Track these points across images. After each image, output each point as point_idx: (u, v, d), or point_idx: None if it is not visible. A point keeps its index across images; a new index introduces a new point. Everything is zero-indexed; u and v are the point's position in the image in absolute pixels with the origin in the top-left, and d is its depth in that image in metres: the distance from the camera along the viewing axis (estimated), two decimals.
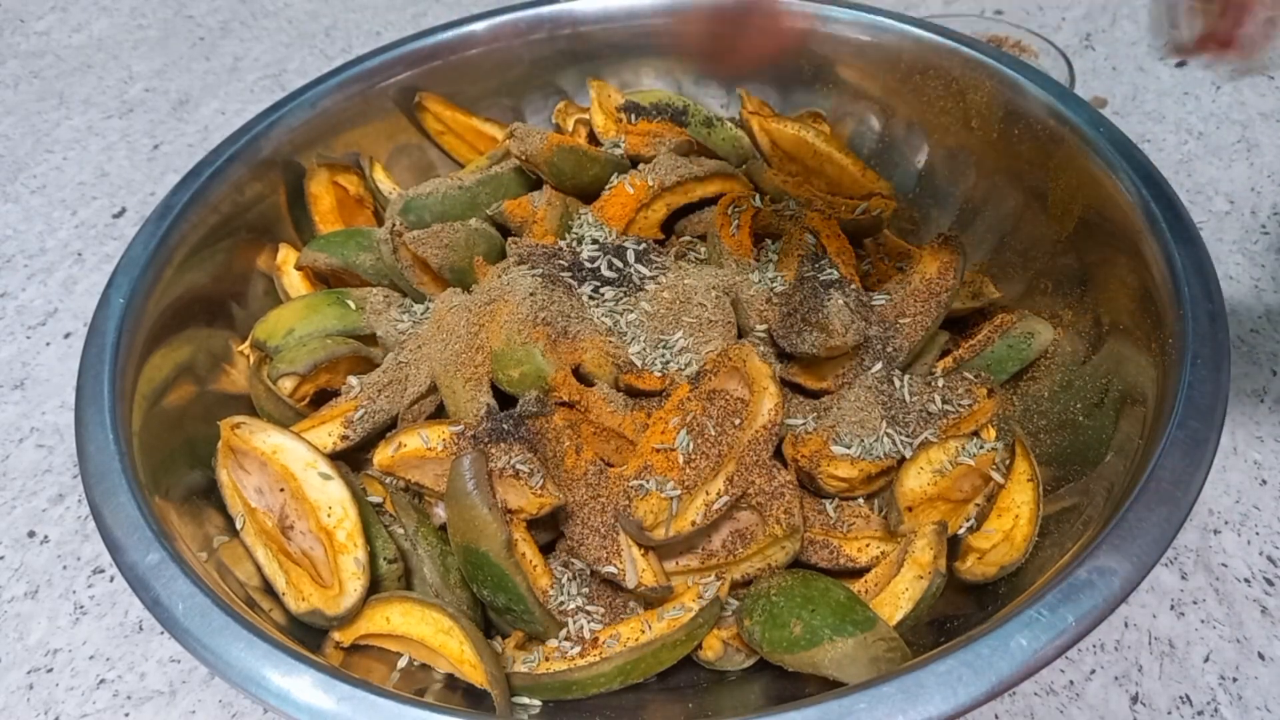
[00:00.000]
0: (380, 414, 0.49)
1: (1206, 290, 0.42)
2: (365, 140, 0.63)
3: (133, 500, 0.39)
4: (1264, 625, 0.49)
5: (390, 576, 0.43)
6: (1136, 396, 0.43)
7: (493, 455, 0.42)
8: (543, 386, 0.45)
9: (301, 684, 0.33)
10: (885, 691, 0.31)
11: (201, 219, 0.53)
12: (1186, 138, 0.77)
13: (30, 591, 0.54)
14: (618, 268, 0.51)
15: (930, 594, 0.40)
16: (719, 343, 0.48)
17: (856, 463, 0.44)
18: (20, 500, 0.59)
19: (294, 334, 0.51)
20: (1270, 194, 0.72)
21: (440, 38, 0.63)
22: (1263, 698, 0.46)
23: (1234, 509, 0.54)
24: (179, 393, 0.48)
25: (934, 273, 0.51)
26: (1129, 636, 0.49)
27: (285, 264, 0.58)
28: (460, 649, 0.40)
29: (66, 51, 0.98)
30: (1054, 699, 0.47)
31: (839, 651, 0.37)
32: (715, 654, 0.42)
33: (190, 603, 0.36)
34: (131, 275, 0.48)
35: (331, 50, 0.96)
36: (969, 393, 0.47)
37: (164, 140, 0.87)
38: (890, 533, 0.44)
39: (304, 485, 0.43)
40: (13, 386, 0.66)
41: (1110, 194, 0.48)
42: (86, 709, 0.49)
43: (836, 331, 0.46)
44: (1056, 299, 0.52)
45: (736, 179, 0.58)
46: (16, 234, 0.78)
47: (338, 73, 0.61)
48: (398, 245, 0.53)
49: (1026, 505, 0.42)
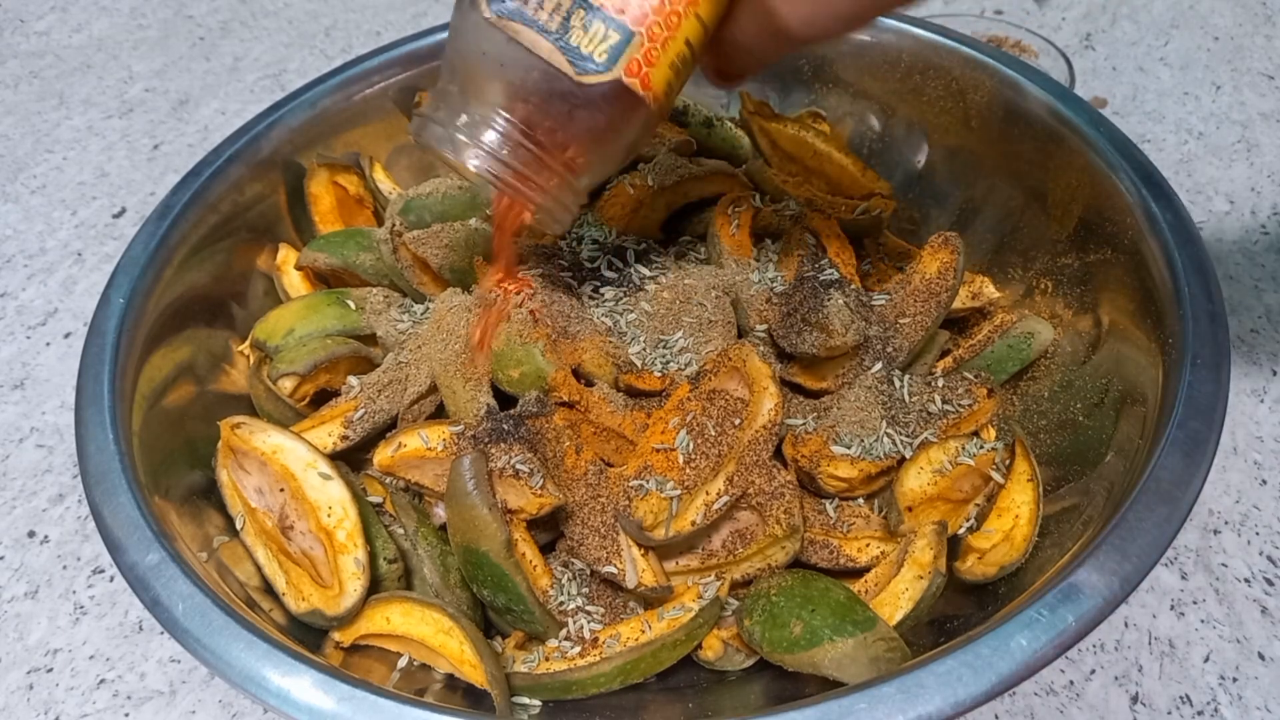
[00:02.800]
0: (380, 414, 0.49)
1: (1206, 290, 0.42)
2: (365, 140, 0.63)
3: (133, 500, 0.39)
4: (1264, 625, 0.49)
5: (390, 576, 0.43)
6: (1136, 396, 0.43)
7: (493, 455, 0.42)
8: (543, 386, 0.45)
9: (301, 684, 0.33)
10: (885, 691, 0.31)
11: (201, 219, 0.53)
12: (1186, 138, 0.77)
13: (30, 591, 0.54)
14: (618, 268, 0.51)
15: (930, 594, 0.40)
16: (719, 343, 0.48)
17: (856, 463, 0.44)
18: (20, 500, 0.59)
19: (294, 334, 0.51)
20: (1270, 194, 0.72)
21: (440, 38, 0.63)
22: (1263, 698, 0.46)
23: (1234, 509, 0.54)
24: (179, 393, 0.48)
25: (934, 273, 0.51)
26: (1129, 636, 0.49)
27: (285, 264, 0.58)
28: (460, 649, 0.40)
29: (66, 51, 0.98)
30: (1054, 699, 0.47)
31: (839, 651, 0.37)
32: (715, 654, 0.42)
33: (190, 603, 0.36)
34: (131, 275, 0.48)
35: (331, 50, 0.96)
36: (969, 393, 0.47)
37: (164, 140, 0.87)
38: (890, 533, 0.44)
39: (304, 485, 0.43)
40: (13, 386, 0.66)
41: (1110, 194, 0.48)
42: (86, 709, 0.49)
43: (836, 331, 0.46)
44: (1056, 299, 0.52)
45: (736, 179, 0.58)
46: (16, 234, 0.78)
47: (338, 73, 0.61)
48: (398, 245, 0.53)
49: (1026, 505, 0.42)
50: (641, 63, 0.36)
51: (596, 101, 0.37)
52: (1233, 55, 0.85)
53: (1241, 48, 0.86)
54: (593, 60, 0.36)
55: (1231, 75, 0.83)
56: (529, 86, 0.37)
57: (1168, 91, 0.82)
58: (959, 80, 0.58)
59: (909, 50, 0.59)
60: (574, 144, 0.38)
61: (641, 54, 0.36)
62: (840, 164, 0.59)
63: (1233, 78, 0.83)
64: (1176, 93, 0.82)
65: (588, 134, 0.38)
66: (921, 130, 0.61)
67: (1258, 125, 0.78)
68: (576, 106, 0.37)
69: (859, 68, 0.62)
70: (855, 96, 0.63)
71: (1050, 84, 0.54)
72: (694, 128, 0.60)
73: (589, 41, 0.36)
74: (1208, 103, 0.81)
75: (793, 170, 0.61)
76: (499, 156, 0.38)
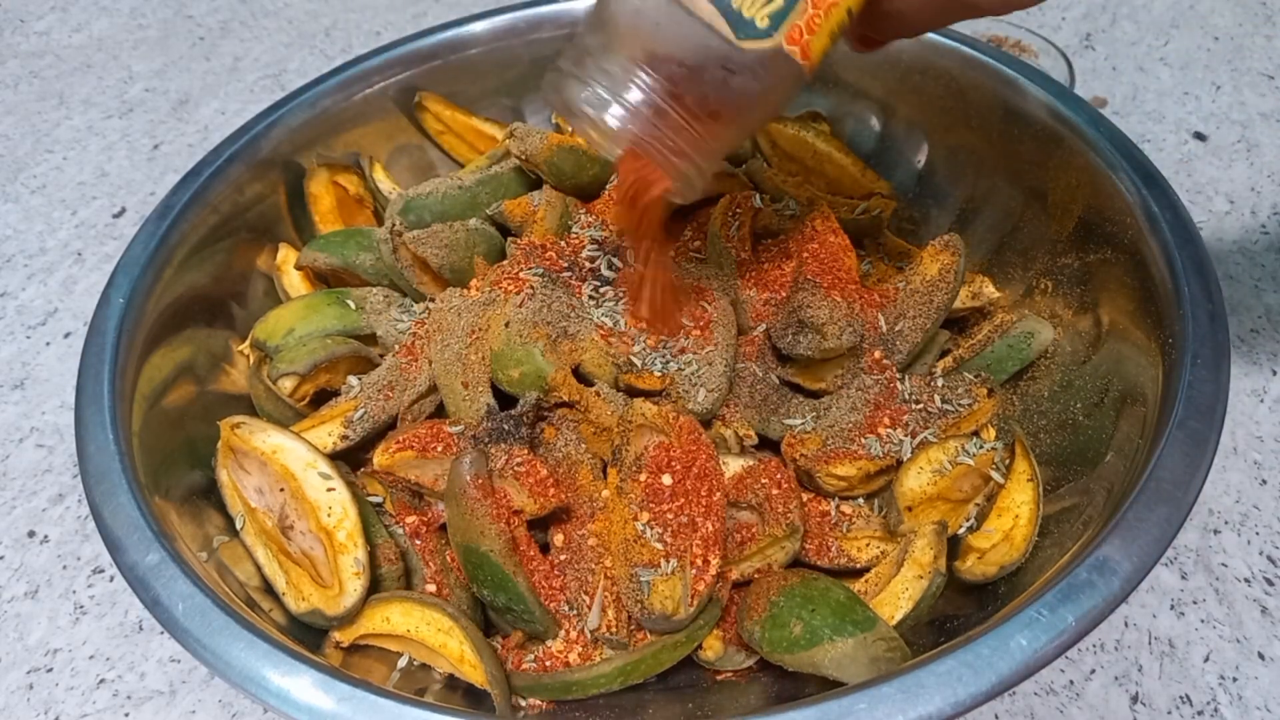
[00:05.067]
0: (380, 414, 0.49)
1: (1206, 290, 0.42)
2: (365, 140, 0.63)
3: (133, 500, 0.39)
4: (1264, 625, 0.49)
5: (390, 576, 0.43)
6: (1136, 396, 0.43)
7: (493, 455, 0.42)
8: (543, 386, 0.45)
9: (301, 684, 0.33)
10: (885, 691, 0.31)
11: (201, 219, 0.53)
12: (1186, 138, 0.77)
13: (30, 591, 0.54)
14: (618, 268, 0.51)
15: (930, 594, 0.40)
16: (720, 343, 0.48)
17: (856, 462, 0.44)
18: (20, 500, 0.59)
19: (294, 334, 0.51)
20: (1270, 194, 0.72)
21: (440, 38, 0.63)
22: (1263, 698, 0.46)
23: (1234, 509, 0.54)
24: (179, 393, 0.48)
25: (934, 273, 0.51)
26: (1129, 636, 0.49)
27: (285, 264, 0.58)
28: (460, 649, 0.40)
29: (66, 51, 0.98)
30: (1054, 699, 0.47)
31: (839, 651, 0.37)
32: (715, 654, 0.42)
33: (190, 603, 0.36)
34: (131, 275, 0.48)
35: (331, 50, 0.96)
36: (969, 393, 0.47)
37: (164, 140, 0.87)
38: (890, 532, 0.44)
39: (304, 485, 0.43)
40: (13, 386, 0.66)
41: (1110, 194, 0.48)
42: (86, 709, 0.49)
43: (831, 334, 0.46)
44: (1056, 299, 0.52)
45: (736, 179, 0.58)
46: (16, 234, 0.78)
47: (338, 73, 0.61)
48: (398, 245, 0.53)
49: (1026, 505, 0.42)
50: (804, 30, 0.34)
51: (754, 68, 0.35)
52: (1233, 55, 0.85)
53: (1241, 48, 0.86)
54: (754, 25, 0.34)
55: (1231, 75, 0.83)
56: (685, 48, 0.34)
57: (1168, 91, 0.82)
58: (959, 80, 0.58)
59: (909, 50, 0.59)
60: (724, 110, 0.36)
61: (805, 21, 0.34)
62: (840, 164, 0.59)
63: (1233, 78, 0.83)
64: (1176, 93, 0.82)
65: (739, 101, 0.36)
66: (921, 130, 0.61)
67: (1258, 125, 0.78)
68: (732, 73, 0.35)
69: (859, 68, 0.62)
70: (855, 96, 0.63)
71: (1050, 84, 0.54)
72: None
73: (752, 5, 0.34)
74: (1207, 103, 0.81)
75: (793, 170, 0.61)
76: (644, 118, 0.35)
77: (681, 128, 0.36)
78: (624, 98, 0.35)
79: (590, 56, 0.36)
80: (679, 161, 0.37)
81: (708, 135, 0.36)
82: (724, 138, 0.37)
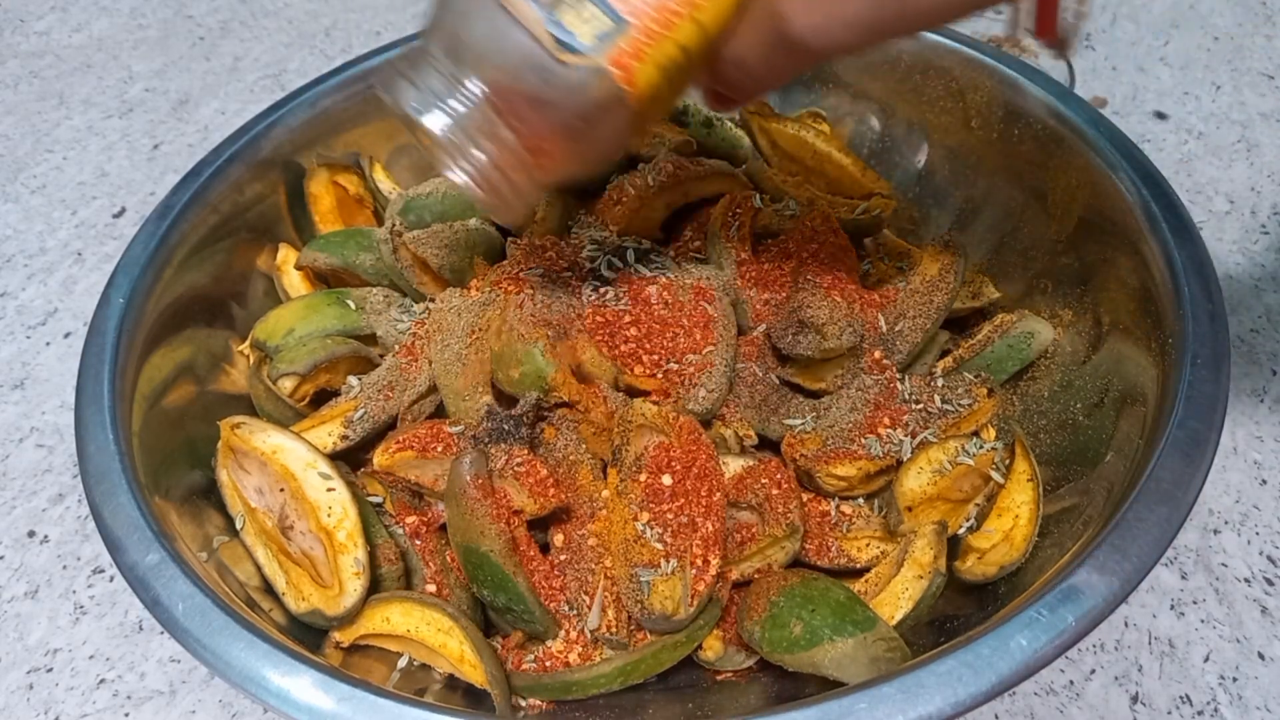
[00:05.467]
0: (380, 414, 0.49)
1: (1206, 290, 0.42)
2: (365, 140, 0.63)
3: (133, 500, 0.39)
4: (1264, 625, 0.49)
5: (390, 576, 0.43)
6: (1136, 396, 0.43)
7: (493, 455, 0.42)
8: (543, 386, 0.45)
9: (301, 684, 0.33)
10: (885, 691, 0.31)
11: (201, 219, 0.53)
12: (1186, 138, 0.77)
13: (30, 591, 0.54)
14: (618, 268, 0.51)
15: (930, 594, 0.40)
16: (720, 343, 0.48)
17: (856, 462, 0.44)
18: (20, 500, 0.59)
19: (294, 334, 0.51)
20: (1270, 194, 0.72)
21: None
22: (1263, 698, 0.46)
23: (1234, 509, 0.54)
24: (179, 393, 0.48)
25: (934, 273, 0.51)
26: (1129, 636, 0.49)
27: (285, 264, 0.58)
28: (460, 649, 0.40)
29: (66, 51, 0.98)
30: (1054, 699, 0.47)
31: (839, 651, 0.37)
32: (715, 654, 0.42)
33: (190, 603, 0.36)
34: (131, 275, 0.48)
35: (331, 50, 0.96)
36: (969, 393, 0.47)
37: (164, 140, 0.87)
38: (890, 533, 0.44)
39: (304, 485, 0.43)
40: (13, 386, 0.66)
41: (1110, 194, 0.48)
42: (86, 709, 0.49)
43: (831, 334, 0.46)
44: (1056, 299, 0.52)
45: (736, 179, 0.58)
46: (16, 234, 0.78)
47: (338, 73, 0.61)
48: (398, 245, 0.53)
49: (1026, 505, 0.42)
50: (629, 55, 0.35)
51: (574, 85, 0.34)
52: (1233, 55, 0.85)
53: (1241, 48, 0.86)
54: (578, 40, 0.34)
55: (1231, 75, 0.83)
56: (507, 57, 0.34)
57: (1168, 91, 0.82)
58: (959, 80, 0.58)
59: (909, 50, 0.59)
60: (543, 128, 0.36)
61: (630, 46, 0.35)
62: (840, 164, 0.59)
63: (1233, 78, 0.83)
64: (1176, 93, 0.82)
65: (559, 120, 0.35)
66: (921, 130, 0.61)
67: (1258, 125, 0.78)
68: (551, 86, 0.34)
69: (859, 68, 0.62)
70: (855, 96, 0.63)
71: (1050, 84, 0.54)
72: (694, 128, 0.60)
73: (579, 20, 0.34)
74: (1207, 103, 0.80)
75: (793, 170, 0.61)
76: (461, 125, 0.35)
77: (498, 141, 0.36)
78: (445, 103, 0.35)
79: (421, 57, 0.36)
80: (493, 175, 0.37)
81: (526, 155, 0.36)
82: (545, 161, 0.37)
